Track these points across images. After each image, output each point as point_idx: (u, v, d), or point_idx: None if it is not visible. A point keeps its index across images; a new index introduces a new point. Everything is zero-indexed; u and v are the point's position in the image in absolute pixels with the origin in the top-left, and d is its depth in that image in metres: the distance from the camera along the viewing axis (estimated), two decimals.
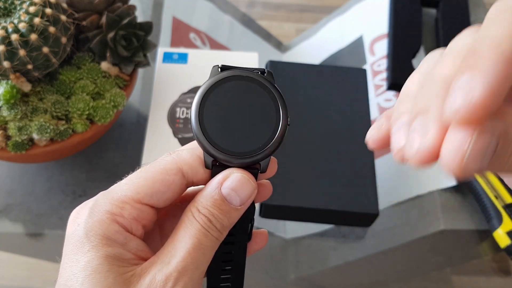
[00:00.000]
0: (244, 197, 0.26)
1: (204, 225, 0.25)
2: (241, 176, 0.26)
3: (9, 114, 0.45)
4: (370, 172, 0.52)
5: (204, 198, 0.26)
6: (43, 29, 0.43)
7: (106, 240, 0.24)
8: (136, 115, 0.61)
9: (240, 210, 0.26)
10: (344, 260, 0.56)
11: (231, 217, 0.26)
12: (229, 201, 0.26)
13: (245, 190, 0.26)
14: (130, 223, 0.25)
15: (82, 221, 0.25)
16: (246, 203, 0.26)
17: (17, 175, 0.55)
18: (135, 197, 0.25)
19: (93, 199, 0.26)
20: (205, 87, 0.27)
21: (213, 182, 0.26)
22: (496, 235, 0.53)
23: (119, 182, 0.27)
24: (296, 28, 1.03)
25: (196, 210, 0.25)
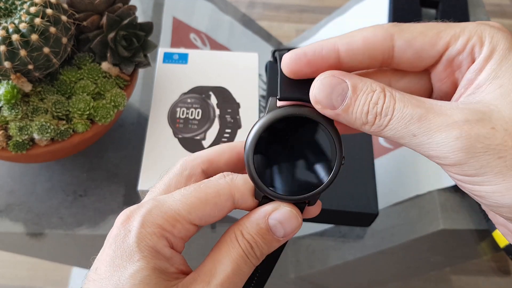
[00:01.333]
0: (289, 230, 0.26)
1: (245, 251, 0.26)
2: (289, 211, 0.26)
3: (10, 114, 0.45)
4: (369, 172, 0.52)
5: (250, 224, 0.26)
6: (44, 30, 0.43)
7: (155, 253, 0.24)
8: (136, 115, 0.61)
9: (281, 242, 0.27)
10: (344, 260, 0.56)
11: (271, 247, 0.27)
12: (274, 232, 0.26)
13: (291, 224, 0.26)
14: (177, 241, 0.26)
15: (134, 228, 0.25)
16: (289, 237, 0.27)
17: (17, 175, 0.55)
18: (187, 217, 0.26)
19: (146, 207, 0.26)
20: (262, 124, 0.26)
21: (261, 211, 0.26)
22: (496, 234, 0.53)
23: (172, 194, 0.27)
24: (296, 29, 1.03)
25: (240, 233, 0.26)
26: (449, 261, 0.58)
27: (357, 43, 0.24)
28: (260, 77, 0.62)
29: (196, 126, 0.52)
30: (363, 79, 0.24)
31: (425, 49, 0.24)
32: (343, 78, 0.24)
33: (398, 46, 0.24)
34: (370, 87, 0.24)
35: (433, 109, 0.22)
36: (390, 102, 0.23)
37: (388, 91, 0.24)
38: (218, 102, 0.54)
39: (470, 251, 0.58)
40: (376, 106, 0.23)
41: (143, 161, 0.50)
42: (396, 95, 0.23)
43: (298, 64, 0.25)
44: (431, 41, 0.24)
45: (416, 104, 0.23)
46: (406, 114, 0.23)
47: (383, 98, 0.23)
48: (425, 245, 0.57)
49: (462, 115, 0.22)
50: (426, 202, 0.57)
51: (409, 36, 0.24)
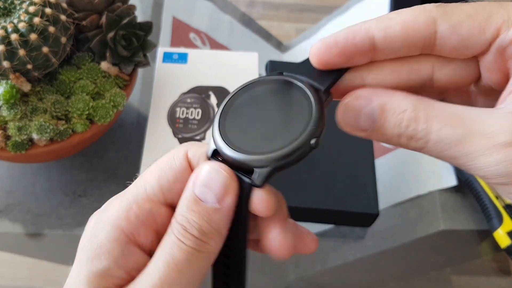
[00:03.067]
0: (219, 191, 0.21)
1: (178, 236, 0.21)
2: (210, 168, 0.22)
3: (9, 114, 0.45)
4: (370, 172, 0.52)
5: (181, 206, 0.22)
6: (43, 29, 0.43)
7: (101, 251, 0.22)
8: (136, 115, 0.61)
9: (222, 211, 0.22)
10: (344, 260, 0.56)
11: (212, 221, 0.22)
12: (204, 200, 0.22)
13: (216, 181, 0.21)
14: (138, 230, 0.22)
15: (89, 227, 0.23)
16: (224, 200, 0.22)
17: (16, 175, 0.55)
18: (142, 195, 0.23)
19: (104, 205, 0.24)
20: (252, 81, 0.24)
21: (188, 183, 0.22)
22: (497, 235, 0.53)
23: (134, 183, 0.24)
24: (296, 28, 1.03)
25: (174, 220, 0.22)
26: (449, 262, 0.58)
27: (395, 29, 0.21)
28: None
29: (196, 126, 0.52)
30: (393, 97, 0.21)
31: (472, 36, 0.21)
32: (370, 97, 0.22)
33: (442, 32, 0.21)
34: (400, 106, 0.21)
35: (473, 126, 0.20)
36: (426, 123, 0.21)
37: (422, 110, 0.21)
38: (218, 102, 0.54)
39: (470, 252, 0.58)
40: (409, 129, 0.21)
41: (143, 161, 0.50)
42: (432, 112, 0.20)
43: (328, 54, 0.22)
44: (480, 27, 0.21)
45: (455, 123, 0.20)
46: (445, 137, 0.20)
47: (415, 120, 0.21)
48: (426, 246, 0.57)
49: (504, 135, 0.19)
50: (426, 202, 0.57)
51: (455, 20, 0.21)
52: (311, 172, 0.52)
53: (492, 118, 0.20)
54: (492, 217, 0.53)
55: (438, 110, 0.21)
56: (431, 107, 0.21)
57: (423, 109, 0.21)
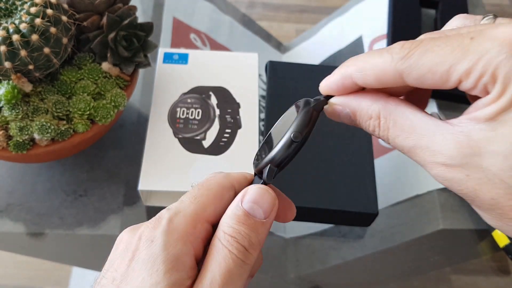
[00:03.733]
0: (267, 208, 0.26)
1: (231, 248, 0.24)
2: (258, 188, 0.26)
3: (10, 114, 0.45)
4: (369, 172, 0.52)
5: (228, 218, 0.26)
6: (44, 30, 0.43)
7: (178, 264, 0.24)
8: (136, 115, 0.61)
9: (266, 224, 0.26)
10: (344, 260, 0.56)
11: (259, 233, 0.26)
12: (253, 215, 0.26)
13: (265, 200, 0.26)
14: (199, 245, 0.25)
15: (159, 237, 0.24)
16: (270, 215, 0.26)
17: (18, 175, 0.55)
18: (204, 215, 0.26)
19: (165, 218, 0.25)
20: None
21: (234, 201, 0.26)
22: (495, 234, 0.53)
23: (181, 201, 0.27)
24: (296, 29, 1.03)
25: (222, 233, 0.25)
26: (449, 261, 0.58)
27: (370, 79, 0.25)
28: (260, 77, 0.62)
29: (196, 126, 0.52)
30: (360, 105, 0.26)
31: (439, 85, 0.23)
32: (344, 106, 0.27)
33: (410, 83, 0.24)
34: (366, 113, 0.26)
35: (420, 141, 0.23)
36: (384, 131, 0.25)
37: (383, 118, 0.25)
38: (218, 102, 0.54)
39: (469, 251, 0.58)
40: (374, 132, 0.26)
41: (144, 161, 0.50)
42: (390, 122, 0.25)
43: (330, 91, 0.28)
44: (442, 79, 0.22)
45: (407, 134, 0.24)
46: (398, 145, 0.25)
47: (378, 127, 0.25)
48: (425, 245, 0.57)
49: (443, 156, 0.22)
50: (426, 202, 0.57)
51: (418, 74, 0.23)
52: (311, 172, 0.52)
53: (440, 135, 0.23)
54: None
55: (396, 120, 0.25)
56: (392, 115, 0.25)
57: (384, 117, 0.25)
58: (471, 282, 0.57)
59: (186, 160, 0.50)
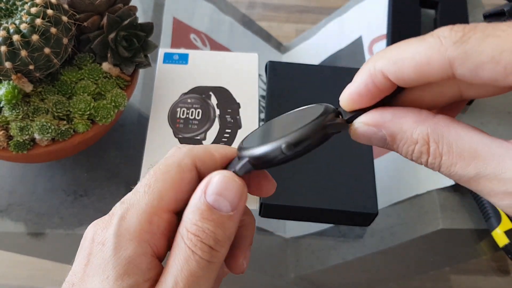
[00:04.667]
0: (233, 199, 0.22)
1: (193, 248, 0.21)
2: (222, 177, 0.22)
3: (11, 114, 0.45)
4: (369, 172, 0.52)
5: (191, 213, 0.22)
6: (45, 30, 0.43)
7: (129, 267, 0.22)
8: (137, 115, 0.61)
9: (234, 217, 0.22)
10: (344, 259, 0.56)
11: (226, 228, 0.22)
12: (218, 209, 0.22)
13: (231, 190, 0.22)
14: (159, 240, 0.23)
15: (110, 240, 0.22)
16: (238, 207, 0.23)
17: (18, 175, 0.55)
18: (160, 206, 0.23)
19: (117, 215, 0.23)
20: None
21: (196, 192, 0.23)
22: (495, 234, 0.53)
23: (135, 190, 0.24)
24: (296, 29, 1.03)
25: (185, 230, 0.22)
26: (448, 261, 0.58)
27: (408, 72, 0.20)
28: (260, 78, 0.62)
29: (196, 126, 0.52)
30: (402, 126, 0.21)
31: (496, 80, 0.19)
32: (377, 127, 0.22)
33: (461, 74, 0.19)
34: (411, 138, 0.21)
35: (486, 169, 0.19)
36: (435, 159, 0.20)
37: (433, 143, 0.20)
38: (218, 102, 0.54)
39: (469, 251, 0.58)
40: (420, 160, 0.21)
41: (144, 161, 0.50)
42: (443, 147, 0.20)
43: (358, 104, 0.22)
44: (506, 71, 0.18)
45: (467, 161, 0.19)
46: (454, 174, 0.20)
47: (426, 154, 0.20)
48: (425, 245, 0.57)
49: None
50: (425, 201, 0.57)
51: (475, 63, 0.18)
52: (311, 171, 0.52)
53: (507, 159, 0.19)
54: (491, 216, 0.53)
55: (450, 143, 0.20)
56: (444, 140, 0.20)
57: (434, 141, 0.20)
58: (470, 282, 0.57)
59: None
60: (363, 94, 0.22)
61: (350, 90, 0.22)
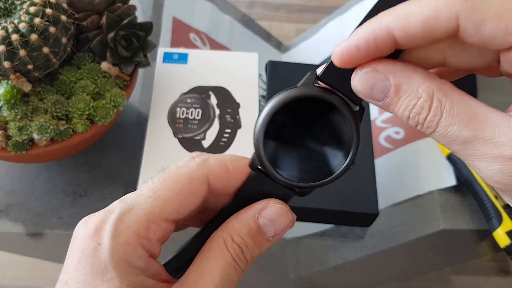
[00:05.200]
0: (279, 229, 0.25)
1: (235, 257, 0.24)
2: (280, 208, 0.25)
3: (10, 114, 0.45)
4: (369, 172, 0.52)
5: (239, 225, 0.24)
6: (44, 29, 0.43)
7: (129, 268, 0.22)
8: (136, 115, 0.61)
9: (271, 242, 0.25)
10: (344, 260, 0.56)
11: (262, 249, 0.25)
12: (264, 232, 0.24)
13: (282, 222, 0.25)
14: (154, 245, 0.23)
15: (105, 241, 0.22)
16: (279, 236, 0.25)
17: (17, 175, 0.55)
18: (162, 214, 0.23)
19: (116, 214, 0.23)
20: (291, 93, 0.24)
21: (250, 210, 0.25)
22: (496, 234, 0.53)
23: (140, 191, 0.24)
24: (296, 29, 1.03)
25: (230, 238, 0.24)
26: (449, 261, 0.58)
27: (415, 27, 0.20)
28: (260, 77, 0.62)
29: (196, 126, 0.52)
30: (410, 79, 0.21)
31: (496, 38, 0.19)
32: (387, 74, 0.21)
33: (464, 29, 0.19)
34: (416, 91, 0.21)
35: (483, 131, 0.20)
36: (435, 116, 0.20)
37: (436, 101, 0.20)
38: (218, 102, 0.54)
39: (470, 251, 0.58)
40: (418, 116, 0.21)
41: (143, 161, 0.50)
42: (445, 105, 0.20)
43: (352, 59, 0.22)
44: (507, 29, 0.19)
45: (465, 123, 0.20)
46: (451, 134, 0.20)
47: (427, 110, 0.20)
48: (426, 245, 0.57)
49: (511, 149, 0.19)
50: (426, 202, 0.57)
51: (480, 18, 0.19)
52: None
53: (504, 126, 0.20)
54: (492, 217, 0.53)
55: (453, 103, 0.20)
56: (447, 99, 0.20)
57: (438, 99, 0.20)
58: (471, 282, 0.56)
59: None
60: (361, 49, 0.21)
61: (348, 42, 0.21)
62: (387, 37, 0.21)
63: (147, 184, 0.24)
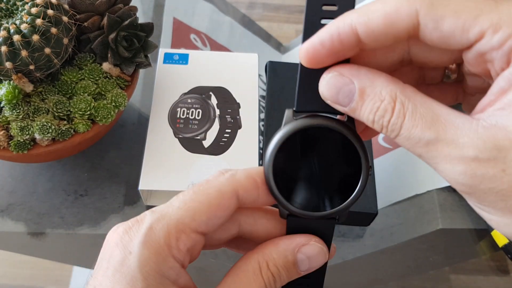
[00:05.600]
0: (314, 267, 0.25)
1: (267, 284, 0.24)
2: (320, 249, 0.25)
3: (11, 114, 0.45)
4: None
5: (278, 255, 0.25)
6: (45, 30, 0.43)
7: (161, 278, 0.22)
8: (137, 115, 0.61)
9: (300, 275, 0.25)
10: (343, 259, 0.56)
11: (290, 279, 0.25)
12: (299, 266, 0.25)
13: (318, 261, 0.25)
14: (184, 256, 0.23)
15: (136, 250, 0.22)
16: (309, 271, 0.26)
17: (19, 175, 0.56)
18: (192, 225, 0.23)
19: (147, 223, 0.23)
20: (281, 137, 0.24)
21: (291, 242, 0.25)
22: (494, 234, 0.53)
23: (170, 203, 0.24)
24: (296, 29, 1.03)
25: (266, 265, 0.24)
26: (448, 261, 0.58)
27: (377, 23, 0.20)
28: (260, 78, 0.62)
29: (197, 126, 0.53)
30: (374, 81, 0.21)
31: (454, 35, 0.20)
32: (351, 78, 0.22)
33: (424, 25, 0.20)
34: (379, 94, 0.21)
35: (445, 133, 0.20)
36: (398, 118, 0.21)
37: (399, 103, 0.21)
38: (218, 102, 0.54)
39: (469, 251, 0.58)
40: (382, 119, 0.21)
41: (144, 161, 0.50)
42: (408, 107, 0.20)
43: (317, 56, 0.22)
44: (464, 26, 0.19)
45: (428, 124, 0.20)
46: (414, 136, 0.20)
47: (390, 112, 0.21)
48: (424, 245, 0.57)
49: (473, 149, 0.19)
50: (425, 201, 0.57)
51: (439, 14, 0.20)
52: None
53: (466, 128, 0.20)
54: None
55: (416, 106, 0.21)
56: (410, 101, 0.21)
57: (401, 101, 0.21)
58: (470, 281, 0.57)
59: (186, 160, 0.50)
60: (325, 45, 0.21)
61: (313, 39, 0.22)
62: (350, 33, 0.21)
63: (178, 196, 0.24)
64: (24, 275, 0.61)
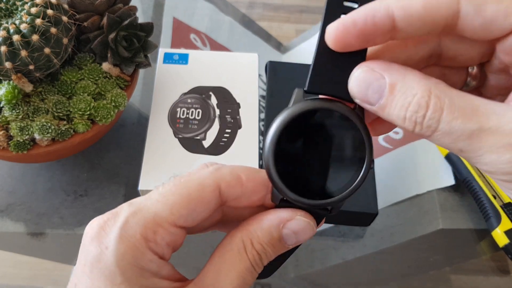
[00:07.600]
0: (300, 241, 0.24)
1: (253, 263, 0.23)
2: (307, 223, 0.24)
3: (11, 114, 0.45)
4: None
5: (262, 232, 0.24)
6: (45, 30, 0.43)
7: (140, 271, 0.22)
8: (137, 115, 0.61)
9: (288, 249, 0.25)
10: (344, 259, 0.56)
11: (278, 253, 0.25)
12: (285, 241, 0.24)
13: (305, 235, 0.24)
14: (163, 249, 0.23)
15: (112, 244, 0.22)
16: (297, 244, 0.25)
17: (18, 175, 0.55)
18: (169, 219, 0.22)
19: (123, 216, 0.23)
20: (289, 115, 0.23)
21: (274, 218, 0.24)
22: (495, 234, 0.53)
23: (149, 195, 0.24)
24: (296, 29, 1.03)
25: (250, 243, 0.23)
26: (448, 261, 0.58)
27: (416, 7, 0.19)
28: (260, 77, 0.62)
29: (196, 126, 0.53)
30: (406, 76, 0.20)
31: (496, 20, 0.19)
32: (382, 73, 0.21)
33: (465, 12, 0.19)
34: (411, 89, 0.20)
35: (487, 122, 0.19)
36: (435, 112, 0.19)
37: (435, 96, 0.19)
38: (218, 102, 0.54)
39: (469, 251, 0.58)
40: (416, 115, 0.20)
41: (144, 161, 0.50)
42: (445, 101, 0.19)
43: (346, 36, 0.21)
44: (506, 10, 0.19)
45: (469, 116, 0.19)
46: (456, 129, 0.19)
47: (425, 107, 0.19)
48: (425, 245, 0.57)
49: None
50: (425, 201, 0.57)
51: (480, 0, 0.19)
52: None
53: (509, 115, 0.19)
54: (490, 216, 0.53)
55: (452, 99, 0.20)
56: (445, 95, 0.20)
57: (436, 95, 0.20)
58: (470, 281, 0.57)
59: (186, 160, 0.50)
60: (357, 25, 0.20)
61: (345, 17, 0.21)
62: (386, 15, 0.20)
63: (157, 188, 0.24)
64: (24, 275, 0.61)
